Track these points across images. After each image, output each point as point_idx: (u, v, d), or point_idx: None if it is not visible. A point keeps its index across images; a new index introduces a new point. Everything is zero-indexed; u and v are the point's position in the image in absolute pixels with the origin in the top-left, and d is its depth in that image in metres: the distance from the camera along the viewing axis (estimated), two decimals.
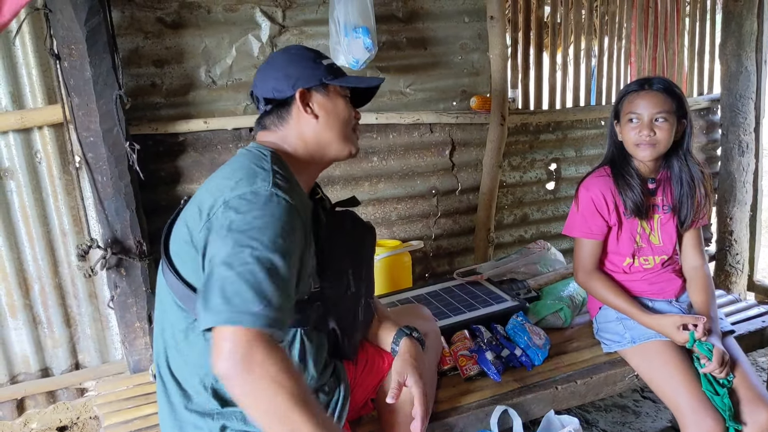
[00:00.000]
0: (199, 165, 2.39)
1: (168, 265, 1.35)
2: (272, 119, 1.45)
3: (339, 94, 1.46)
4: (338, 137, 1.45)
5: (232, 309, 1.10)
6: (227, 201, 1.22)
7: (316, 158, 1.46)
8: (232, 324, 1.09)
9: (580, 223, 2.01)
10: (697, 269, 2.03)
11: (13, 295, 2.24)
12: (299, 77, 1.42)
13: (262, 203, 1.20)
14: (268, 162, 1.30)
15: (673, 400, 1.80)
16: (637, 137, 1.89)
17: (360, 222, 1.61)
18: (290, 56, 1.46)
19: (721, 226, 3.53)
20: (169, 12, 2.26)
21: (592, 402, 2.30)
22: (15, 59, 2.08)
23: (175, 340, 1.37)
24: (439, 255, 3.02)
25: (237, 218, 1.19)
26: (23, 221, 2.20)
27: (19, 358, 2.31)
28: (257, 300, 1.11)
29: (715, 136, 3.65)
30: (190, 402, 1.35)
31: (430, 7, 2.71)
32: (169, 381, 1.39)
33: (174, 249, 1.36)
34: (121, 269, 2.16)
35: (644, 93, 1.90)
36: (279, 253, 1.17)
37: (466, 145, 2.93)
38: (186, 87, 2.34)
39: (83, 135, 2.04)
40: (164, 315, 1.41)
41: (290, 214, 1.22)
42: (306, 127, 1.42)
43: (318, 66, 1.44)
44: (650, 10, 3.34)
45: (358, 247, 1.56)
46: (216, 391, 1.34)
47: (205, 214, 1.25)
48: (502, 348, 2.04)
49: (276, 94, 1.42)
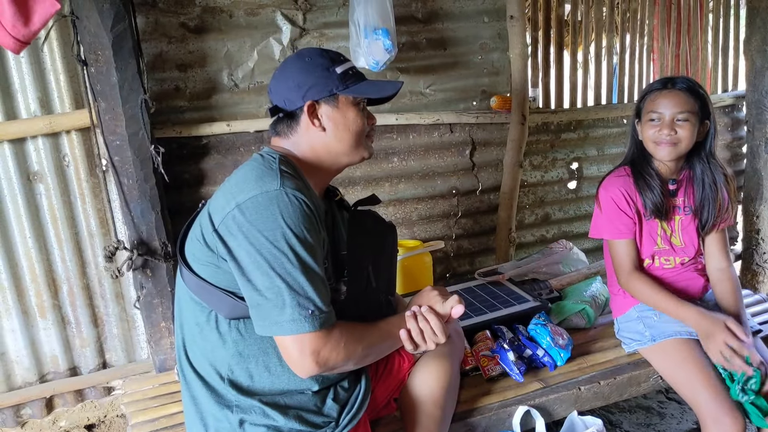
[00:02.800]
0: (222, 167, 2.42)
1: (183, 263, 1.41)
2: (283, 127, 1.47)
3: (351, 104, 1.44)
4: (348, 148, 1.46)
5: (287, 319, 1.24)
6: (240, 204, 1.27)
7: (326, 165, 1.48)
8: (291, 333, 1.25)
9: (606, 224, 1.98)
10: (722, 271, 2.00)
11: (42, 296, 2.29)
12: (310, 87, 1.41)
13: (275, 202, 1.26)
14: (276, 163, 1.34)
15: (692, 398, 1.78)
16: (657, 135, 1.87)
17: (381, 220, 1.62)
18: (303, 64, 1.44)
19: (748, 224, 3.47)
20: (192, 17, 2.29)
21: (615, 403, 2.28)
22: (43, 65, 2.13)
23: (191, 333, 1.43)
24: (460, 255, 3.02)
25: (254, 221, 1.25)
26: (52, 223, 2.25)
27: (48, 357, 2.36)
28: (305, 305, 1.24)
29: (741, 133, 3.59)
30: (210, 394, 1.40)
31: (450, 7, 2.71)
32: (190, 374, 1.43)
33: (189, 248, 1.42)
34: (146, 270, 2.20)
35: (667, 92, 1.88)
36: (307, 251, 1.26)
37: (486, 145, 2.93)
38: (209, 90, 2.37)
39: (110, 139, 2.08)
40: (182, 311, 1.47)
41: (303, 209, 1.27)
42: (314, 139, 1.44)
43: (330, 75, 1.42)
44: (673, 7, 3.30)
45: (379, 244, 1.57)
46: (233, 380, 1.39)
47: (219, 216, 1.30)
48: (524, 348, 2.03)
49: (287, 104, 1.44)
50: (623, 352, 2.09)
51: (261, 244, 1.24)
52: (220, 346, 1.38)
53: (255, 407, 1.36)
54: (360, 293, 1.48)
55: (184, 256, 1.42)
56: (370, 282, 1.51)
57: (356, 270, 1.48)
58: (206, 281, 1.36)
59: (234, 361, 1.38)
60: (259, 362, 1.38)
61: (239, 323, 1.38)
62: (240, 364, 1.38)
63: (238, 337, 1.37)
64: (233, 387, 1.38)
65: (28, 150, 2.17)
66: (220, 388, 1.39)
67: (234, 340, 1.37)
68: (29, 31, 1.47)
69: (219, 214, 1.31)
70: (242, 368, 1.38)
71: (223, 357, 1.38)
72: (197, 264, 1.38)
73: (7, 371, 2.31)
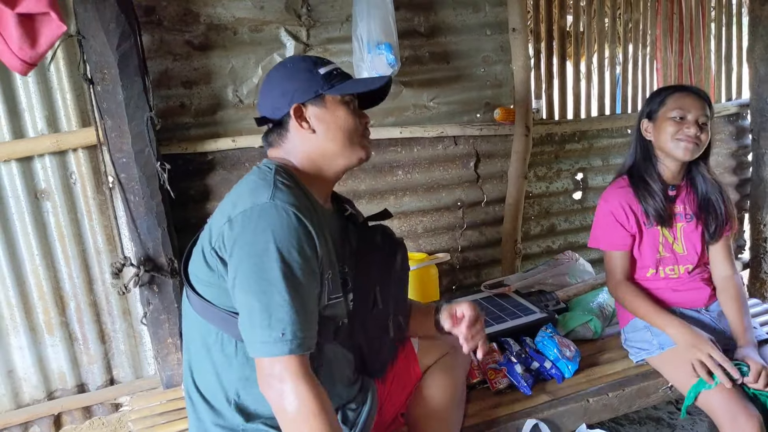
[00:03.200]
0: (228, 182, 2.43)
1: (188, 285, 1.39)
2: (274, 137, 1.44)
3: (339, 103, 1.39)
4: (342, 147, 1.40)
5: (258, 339, 1.20)
6: (231, 219, 1.25)
7: (324, 169, 1.42)
8: (264, 356, 1.21)
9: (602, 235, 2.01)
10: (727, 279, 2.00)
11: (50, 313, 2.29)
12: (295, 91, 1.38)
13: (264, 216, 1.22)
14: (271, 174, 1.30)
15: (705, 402, 1.77)
16: (683, 133, 1.87)
17: (391, 237, 1.58)
18: (285, 70, 1.42)
19: (755, 233, 3.46)
20: (196, 34, 2.31)
21: (625, 415, 2.27)
22: (50, 84, 2.15)
23: (198, 355, 1.40)
24: (465, 267, 3.01)
25: (241, 236, 1.23)
26: (59, 240, 2.26)
27: (56, 374, 2.36)
28: (276, 326, 1.19)
29: (746, 141, 3.58)
30: (216, 417, 1.37)
31: (452, 21, 2.72)
32: (196, 396, 1.41)
33: (192, 269, 1.39)
34: (153, 286, 2.20)
35: (692, 94, 1.91)
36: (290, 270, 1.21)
37: (490, 157, 2.93)
38: (214, 107, 2.39)
39: (116, 156, 2.09)
40: (189, 332, 1.44)
41: (293, 222, 1.23)
42: (306, 142, 1.40)
43: (314, 76, 1.38)
44: (675, 16, 3.31)
45: (388, 263, 1.54)
46: (239, 405, 1.36)
47: (215, 234, 1.29)
48: (531, 360, 2.03)
49: (275, 113, 1.41)
50: (631, 363, 2.08)
51: (242, 260, 1.22)
52: (226, 369, 1.35)
53: (261, 430, 1.34)
54: (366, 313, 1.46)
55: (188, 277, 1.40)
56: (377, 303, 1.47)
57: (362, 290, 1.45)
58: (210, 303, 1.34)
59: (240, 385, 1.35)
60: None
61: (245, 346, 1.34)
62: (246, 388, 1.35)
63: (243, 360, 1.34)
64: (239, 412, 1.35)
65: (36, 168, 2.19)
66: (226, 412, 1.36)
67: (240, 364, 1.34)
68: (36, 53, 1.49)
69: (215, 232, 1.29)
70: (248, 393, 1.35)
71: (230, 380, 1.35)
72: (200, 285, 1.36)
73: (15, 389, 2.31)
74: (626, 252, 1.99)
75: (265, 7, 2.38)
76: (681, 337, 1.82)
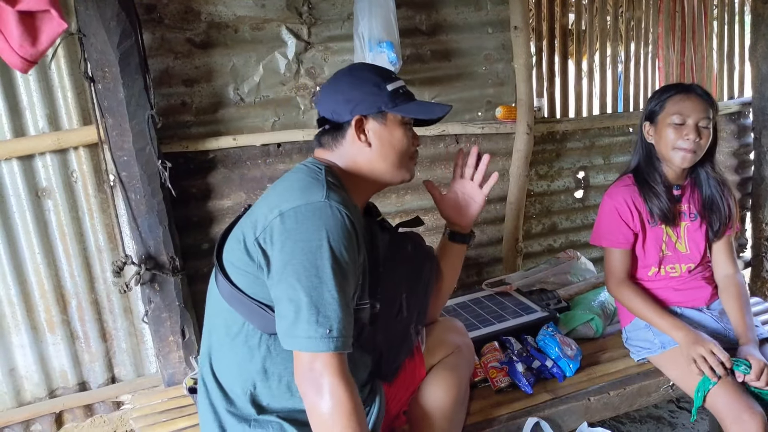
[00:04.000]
0: (229, 181, 2.43)
1: (219, 270, 1.39)
2: (328, 139, 1.45)
3: (398, 123, 1.42)
4: (391, 167, 1.43)
5: (303, 335, 1.21)
6: (283, 213, 1.26)
7: (369, 181, 1.45)
8: (305, 350, 1.21)
9: (605, 233, 2.00)
10: (729, 277, 2.00)
11: (51, 311, 2.29)
12: (359, 102, 1.39)
13: (319, 214, 1.24)
14: (322, 174, 1.33)
15: (709, 401, 1.76)
16: (682, 141, 1.85)
17: (422, 247, 1.59)
18: (354, 78, 1.43)
19: (756, 231, 3.46)
20: (197, 32, 2.31)
21: (626, 413, 2.26)
22: (51, 82, 2.15)
23: (220, 343, 1.41)
24: (467, 266, 3.01)
25: (295, 231, 1.24)
26: (60, 239, 2.26)
27: (58, 372, 2.36)
28: (324, 323, 1.20)
29: (747, 140, 3.58)
30: (230, 405, 1.38)
31: (454, 19, 2.72)
32: (211, 383, 1.42)
33: (227, 256, 1.39)
34: (154, 284, 2.20)
35: (692, 96, 1.88)
36: (340, 270, 1.23)
37: (492, 155, 2.89)
38: (215, 105, 2.39)
39: (117, 154, 2.09)
40: (213, 318, 1.45)
41: (346, 224, 1.25)
42: (359, 154, 1.42)
43: (380, 91, 1.40)
44: (677, 15, 3.30)
45: (417, 273, 1.54)
46: (254, 397, 1.37)
47: (261, 224, 1.29)
48: (532, 359, 2.03)
49: (334, 116, 1.42)
50: (633, 361, 2.07)
51: (295, 255, 1.22)
52: (247, 360, 1.37)
53: (273, 422, 1.35)
54: (390, 321, 1.46)
55: (221, 262, 1.40)
56: (402, 311, 1.48)
57: (389, 297, 1.46)
58: (241, 291, 1.34)
59: (259, 377, 1.36)
60: (282, 381, 1.37)
61: (269, 339, 1.35)
62: (264, 381, 1.36)
63: (266, 353, 1.35)
64: (253, 403, 1.36)
65: (37, 166, 2.19)
66: (240, 402, 1.38)
67: (262, 356, 1.35)
68: (37, 51, 1.48)
69: (261, 223, 1.29)
70: (265, 385, 1.36)
71: (249, 372, 1.37)
72: (234, 271, 1.35)
73: (16, 387, 2.32)
74: (628, 250, 1.99)
75: (267, 5, 2.38)
76: (683, 337, 1.82)
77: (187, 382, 1.98)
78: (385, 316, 1.44)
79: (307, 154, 2.50)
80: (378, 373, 1.52)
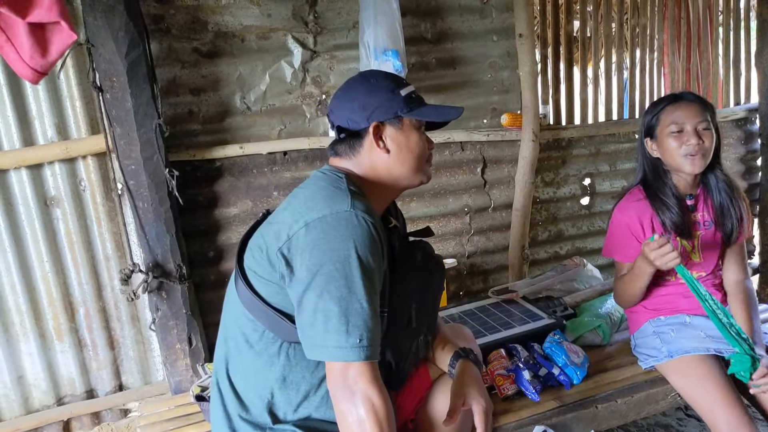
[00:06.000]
0: (236, 189, 2.44)
1: (240, 277, 1.39)
2: (344, 147, 1.44)
3: (413, 127, 1.43)
4: (410, 170, 1.44)
5: (333, 344, 1.21)
6: (308, 223, 1.26)
7: (387, 187, 1.46)
8: (337, 360, 1.22)
9: (617, 247, 2.00)
10: (738, 283, 1.99)
11: (59, 319, 2.31)
12: (375, 109, 1.39)
13: (346, 224, 1.24)
14: (344, 183, 1.33)
15: (710, 414, 1.76)
16: (686, 147, 1.84)
17: (431, 256, 1.58)
18: (369, 85, 1.43)
19: (764, 238, 3.44)
20: (204, 42, 2.33)
21: (634, 421, 2.25)
22: (60, 92, 2.17)
23: (238, 349, 1.41)
24: (473, 273, 3.01)
25: (322, 241, 1.23)
26: (69, 247, 2.28)
27: (65, 380, 2.38)
28: (354, 333, 1.21)
29: (754, 146, 3.56)
30: (245, 412, 1.39)
31: (459, 27, 2.73)
32: (226, 389, 1.42)
33: (248, 263, 1.39)
34: (162, 292, 2.21)
35: (684, 103, 1.88)
36: (367, 279, 1.23)
37: (498, 162, 2.93)
38: (222, 114, 2.41)
39: (125, 163, 2.11)
40: (231, 324, 1.44)
41: (372, 232, 1.25)
42: (377, 160, 1.42)
43: (395, 97, 1.41)
44: (682, 21, 3.30)
45: (426, 283, 1.53)
46: (271, 405, 1.37)
47: (285, 234, 1.28)
48: (539, 367, 2.02)
49: (351, 125, 1.42)
50: (640, 369, 2.06)
51: (322, 265, 1.22)
52: (267, 368, 1.36)
53: (287, 431, 1.36)
54: (398, 331, 1.45)
55: (243, 268, 1.40)
56: (411, 322, 1.48)
57: (399, 307, 1.45)
58: (263, 300, 1.34)
59: (277, 385, 1.36)
60: (300, 391, 1.37)
61: (289, 348, 1.35)
62: (282, 389, 1.36)
63: (285, 361, 1.35)
64: (269, 412, 1.37)
65: (45, 175, 2.21)
66: (256, 410, 1.38)
67: (282, 365, 1.35)
68: (47, 62, 1.50)
69: (285, 233, 1.28)
70: (283, 394, 1.36)
71: (267, 379, 1.36)
72: (256, 280, 1.35)
73: (24, 394, 2.33)
74: None
75: (273, 15, 2.40)
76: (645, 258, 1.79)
77: (194, 390, 1.98)
78: (395, 326, 1.44)
79: (314, 162, 2.52)
80: (387, 383, 1.52)
